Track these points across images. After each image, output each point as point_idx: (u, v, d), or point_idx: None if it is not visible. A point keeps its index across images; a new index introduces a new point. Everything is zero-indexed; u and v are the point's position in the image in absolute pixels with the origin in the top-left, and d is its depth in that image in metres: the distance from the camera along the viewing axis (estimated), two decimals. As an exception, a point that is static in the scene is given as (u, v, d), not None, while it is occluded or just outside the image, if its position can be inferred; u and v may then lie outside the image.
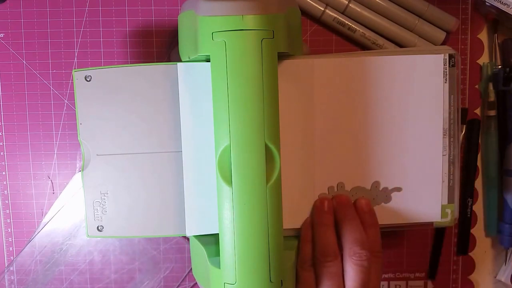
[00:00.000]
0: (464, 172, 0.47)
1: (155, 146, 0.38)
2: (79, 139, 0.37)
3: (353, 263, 0.36)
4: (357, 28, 0.44)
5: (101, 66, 0.45)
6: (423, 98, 0.38)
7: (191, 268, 0.42)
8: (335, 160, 0.38)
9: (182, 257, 0.48)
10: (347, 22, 0.44)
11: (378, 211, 0.39)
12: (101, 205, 0.38)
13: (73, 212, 0.46)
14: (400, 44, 0.45)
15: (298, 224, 0.39)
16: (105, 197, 0.38)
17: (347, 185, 0.39)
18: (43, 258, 0.47)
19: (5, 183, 0.47)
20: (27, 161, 0.46)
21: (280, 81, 0.34)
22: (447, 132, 0.39)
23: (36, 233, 0.46)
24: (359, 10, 0.44)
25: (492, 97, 0.46)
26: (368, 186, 0.39)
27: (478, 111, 0.47)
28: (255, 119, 0.33)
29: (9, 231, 0.47)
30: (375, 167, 0.39)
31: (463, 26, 0.46)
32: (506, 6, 0.41)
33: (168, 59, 0.46)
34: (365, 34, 0.44)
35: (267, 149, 0.33)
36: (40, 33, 0.45)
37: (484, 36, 0.47)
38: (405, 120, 0.38)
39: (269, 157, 0.33)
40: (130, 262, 0.47)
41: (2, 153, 0.46)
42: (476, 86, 0.47)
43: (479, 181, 0.48)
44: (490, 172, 0.47)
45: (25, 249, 0.47)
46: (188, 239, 0.47)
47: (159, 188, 0.38)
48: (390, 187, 0.39)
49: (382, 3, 0.44)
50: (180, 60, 0.38)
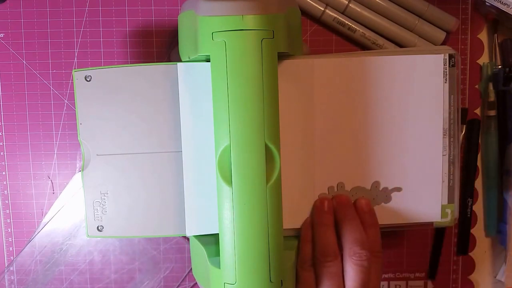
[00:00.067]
0: (464, 172, 0.47)
1: (155, 146, 0.38)
2: (79, 139, 0.37)
3: (353, 263, 0.36)
4: (357, 28, 0.44)
5: (101, 66, 0.45)
6: (423, 98, 0.38)
7: (191, 268, 0.42)
8: (335, 160, 0.38)
9: (182, 257, 0.48)
10: (347, 22, 0.44)
11: (378, 211, 0.39)
12: (101, 205, 0.38)
13: (73, 212, 0.46)
14: (400, 44, 0.45)
15: (298, 224, 0.39)
16: (105, 197, 0.38)
17: (347, 185, 0.39)
18: (43, 258, 0.47)
19: (5, 183, 0.47)
20: (27, 161, 0.46)
21: (280, 81, 0.34)
22: (447, 132, 0.39)
23: (36, 233, 0.46)
24: (359, 10, 0.44)
25: (492, 97, 0.46)
26: (368, 186, 0.39)
27: (478, 111, 0.47)
28: (255, 119, 0.33)
29: (9, 231, 0.47)
30: (375, 167, 0.39)
31: (463, 26, 0.46)
32: (506, 6, 0.41)
33: (168, 59, 0.45)
34: (365, 34, 0.44)
35: (267, 149, 0.33)
36: (40, 33, 0.45)
37: (484, 36, 0.47)
38: (405, 120, 0.38)
39: (269, 157, 0.33)
40: (130, 262, 0.47)
41: (2, 153, 0.46)
42: (476, 86, 0.47)
43: (479, 181, 0.48)
44: (490, 172, 0.47)
45: (25, 249, 0.47)
46: (188, 239, 0.47)
47: (159, 188, 0.38)
48: (390, 187, 0.39)
49: (382, 3, 0.44)
50: (180, 60, 0.38)
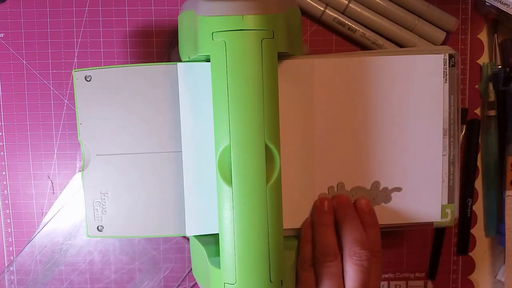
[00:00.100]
0: (464, 172, 0.47)
1: (155, 146, 0.38)
2: (79, 139, 0.37)
3: (353, 263, 0.36)
4: (357, 28, 0.44)
5: (101, 66, 0.45)
6: (423, 98, 0.38)
7: (191, 268, 0.42)
8: (335, 160, 0.38)
9: (182, 257, 0.48)
10: (347, 22, 0.44)
11: (378, 211, 0.39)
12: (101, 205, 0.38)
13: (73, 212, 0.46)
14: (400, 44, 0.45)
15: (298, 224, 0.39)
16: (105, 197, 0.38)
17: (347, 185, 0.39)
18: (43, 258, 0.47)
19: (5, 183, 0.47)
20: (27, 161, 0.46)
21: (280, 81, 0.34)
22: (447, 132, 0.39)
23: (36, 233, 0.46)
24: (359, 10, 0.44)
25: (492, 97, 0.46)
26: (368, 186, 0.39)
27: (478, 111, 0.47)
28: (255, 119, 0.33)
29: (9, 231, 0.47)
30: (375, 167, 0.39)
31: (463, 26, 0.46)
32: (506, 6, 0.41)
33: (168, 59, 0.45)
34: (365, 34, 0.44)
35: (267, 149, 0.33)
36: (40, 33, 0.45)
37: (484, 36, 0.47)
38: (405, 120, 0.38)
39: (269, 157, 0.33)
40: (130, 262, 0.47)
41: (2, 153, 0.46)
42: (476, 86, 0.47)
43: (479, 181, 0.48)
44: (490, 172, 0.47)
45: (25, 249, 0.47)
46: (188, 239, 0.47)
47: (159, 188, 0.38)
48: (390, 187, 0.39)
49: (382, 3, 0.44)
50: (180, 60, 0.38)
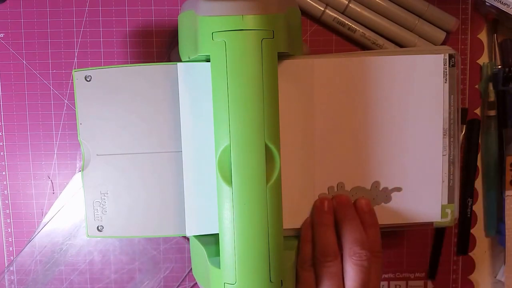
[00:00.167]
0: (464, 172, 0.47)
1: (155, 146, 0.38)
2: (79, 139, 0.37)
3: (353, 263, 0.36)
4: (357, 28, 0.44)
5: (101, 66, 0.45)
6: (423, 98, 0.38)
7: (191, 268, 0.42)
8: (335, 160, 0.38)
9: (182, 257, 0.48)
10: (347, 22, 0.44)
11: (378, 211, 0.39)
12: (101, 205, 0.38)
13: (73, 212, 0.46)
14: (400, 44, 0.45)
15: (298, 224, 0.39)
16: (105, 197, 0.38)
17: (347, 185, 0.39)
18: (43, 258, 0.47)
19: (5, 183, 0.47)
20: (27, 161, 0.46)
21: (280, 81, 0.34)
22: (447, 132, 0.39)
23: (36, 233, 0.46)
24: (359, 10, 0.44)
25: (492, 97, 0.46)
26: (368, 186, 0.39)
27: (478, 111, 0.47)
28: (255, 119, 0.33)
29: (9, 231, 0.47)
30: (375, 167, 0.39)
31: (463, 26, 0.46)
32: (506, 6, 0.41)
33: (168, 59, 0.45)
34: (365, 34, 0.44)
35: (267, 149, 0.33)
36: (40, 33, 0.45)
37: (484, 36, 0.47)
38: (405, 120, 0.38)
39: (269, 157, 0.33)
40: (130, 262, 0.47)
41: (2, 153, 0.46)
42: (476, 86, 0.47)
43: (479, 181, 0.48)
44: (490, 172, 0.47)
45: (25, 249, 0.47)
46: (188, 239, 0.47)
47: (159, 188, 0.38)
48: (390, 187, 0.39)
49: (382, 3, 0.44)
50: (180, 60, 0.38)
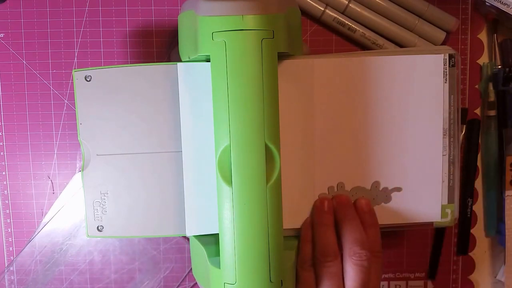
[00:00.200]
0: (464, 172, 0.47)
1: (155, 146, 0.38)
2: (79, 139, 0.37)
3: (353, 263, 0.36)
4: (357, 28, 0.44)
5: (101, 66, 0.45)
6: (423, 98, 0.38)
7: (191, 268, 0.42)
8: (335, 160, 0.38)
9: (182, 257, 0.48)
10: (347, 22, 0.44)
11: (378, 211, 0.39)
12: (101, 205, 0.38)
13: (73, 212, 0.46)
14: (400, 44, 0.45)
15: (298, 224, 0.39)
16: (105, 197, 0.38)
17: (347, 185, 0.39)
18: (43, 258, 0.47)
19: (5, 183, 0.47)
20: (27, 161, 0.46)
21: (280, 81, 0.34)
22: (447, 132, 0.39)
23: (36, 233, 0.46)
24: (359, 10, 0.44)
25: (492, 97, 0.46)
26: (368, 186, 0.39)
27: (478, 111, 0.47)
28: (255, 119, 0.33)
29: (9, 231, 0.47)
30: (375, 167, 0.39)
31: (463, 26, 0.46)
32: (506, 6, 0.41)
33: (168, 59, 0.45)
34: (365, 34, 0.44)
35: (267, 149, 0.33)
36: (40, 33, 0.45)
37: (484, 36, 0.47)
38: (405, 120, 0.38)
39: (269, 157, 0.33)
40: (130, 262, 0.47)
41: (2, 153, 0.46)
42: (476, 86, 0.47)
43: (479, 181, 0.48)
44: (490, 172, 0.47)
45: (25, 249, 0.47)
46: (188, 239, 0.47)
47: (159, 188, 0.38)
48: (390, 187, 0.39)
49: (382, 3, 0.44)
50: (180, 60, 0.38)
